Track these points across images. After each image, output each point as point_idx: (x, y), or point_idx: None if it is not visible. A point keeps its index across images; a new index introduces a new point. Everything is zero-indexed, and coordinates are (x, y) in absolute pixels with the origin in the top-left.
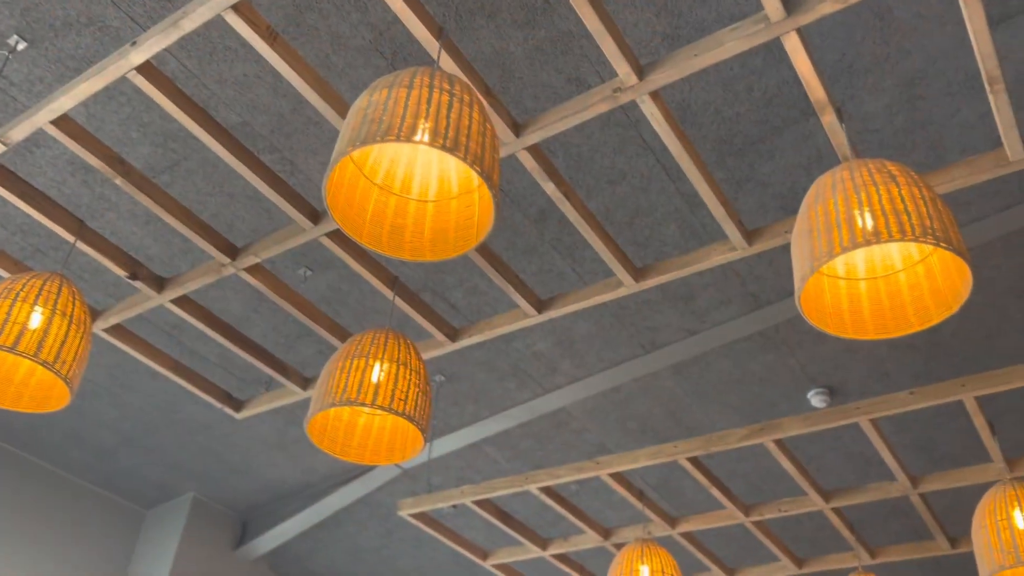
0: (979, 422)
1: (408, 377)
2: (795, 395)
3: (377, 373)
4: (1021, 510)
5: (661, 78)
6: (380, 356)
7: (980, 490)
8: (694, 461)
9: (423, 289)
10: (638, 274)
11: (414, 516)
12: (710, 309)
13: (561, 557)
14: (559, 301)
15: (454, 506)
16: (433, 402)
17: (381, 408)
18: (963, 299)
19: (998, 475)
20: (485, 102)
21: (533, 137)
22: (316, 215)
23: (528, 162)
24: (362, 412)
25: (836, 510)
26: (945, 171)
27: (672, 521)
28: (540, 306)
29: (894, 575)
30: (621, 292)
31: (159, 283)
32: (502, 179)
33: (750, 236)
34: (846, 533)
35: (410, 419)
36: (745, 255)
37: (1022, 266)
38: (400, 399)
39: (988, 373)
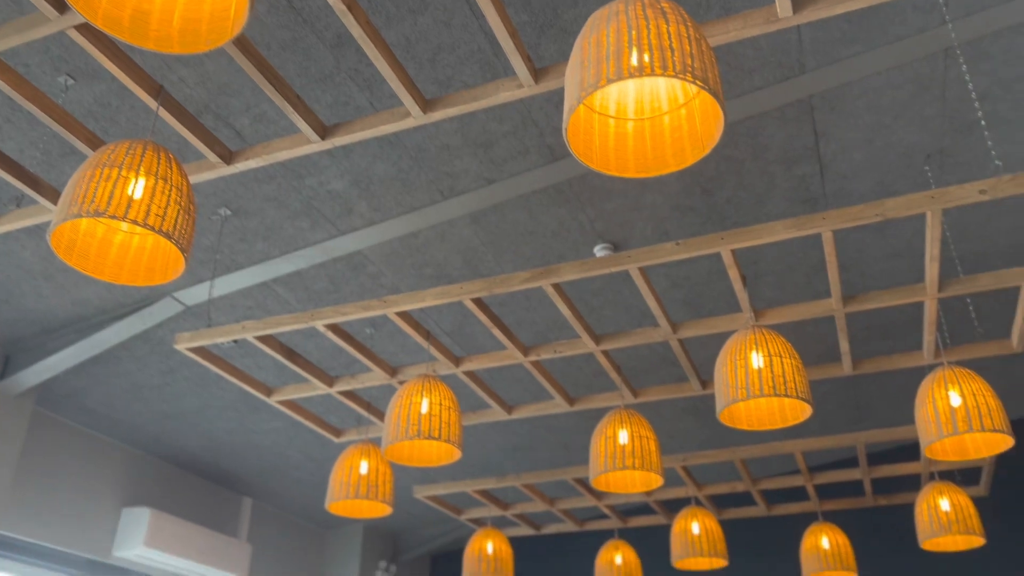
0: (733, 274)
1: (168, 193)
2: (583, 249)
3: (132, 186)
4: (758, 352)
5: None
6: (136, 167)
7: None
8: (479, 303)
9: (204, 111)
10: (427, 105)
11: (192, 351)
12: (508, 159)
13: (348, 394)
14: (344, 128)
15: (235, 341)
16: (217, 236)
17: (134, 223)
18: (715, 141)
19: (745, 323)
20: None
21: None
22: (64, 5)
23: None
24: (118, 229)
25: (605, 353)
26: (720, 22)
27: (457, 360)
28: (324, 132)
29: (655, 414)
30: (409, 123)
31: None
32: None
33: (538, 74)
34: (613, 375)
35: (168, 237)
36: (532, 93)
37: (793, 136)
38: (157, 215)
39: (744, 229)
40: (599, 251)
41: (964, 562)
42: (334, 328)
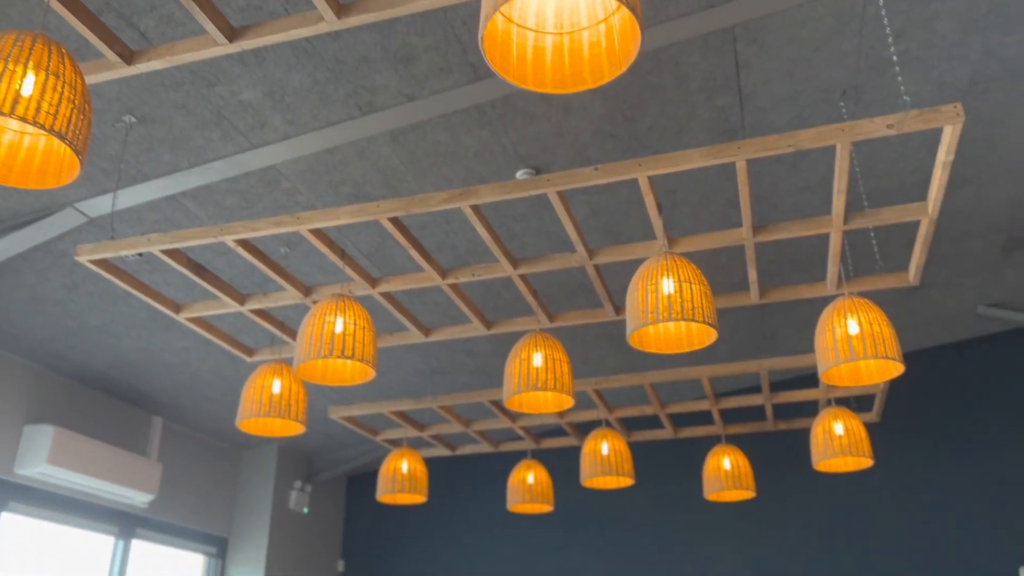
0: (649, 201)
1: (60, 90)
2: (505, 172)
3: (19, 80)
4: (669, 278)
5: None
6: (23, 61)
7: None
8: (396, 223)
9: (104, 9)
10: (341, 10)
11: (95, 263)
12: (430, 76)
13: (261, 313)
14: (253, 31)
15: (140, 255)
16: (122, 144)
17: (23, 120)
18: (632, 59)
19: (658, 250)
20: None
21: None
22: None
23: None
24: (6, 128)
25: (523, 277)
26: None
27: (374, 282)
28: (232, 35)
29: (571, 340)
30: (322, 28)
31: None
32: None
33: None
34: (530, 299)
35: (61, 137)
36: (453, 3)
37: (715, 66)
38: (49, 114)
39: (660, 156)
40: (521, 175)
41: (853, 483)
42: (245, 244)
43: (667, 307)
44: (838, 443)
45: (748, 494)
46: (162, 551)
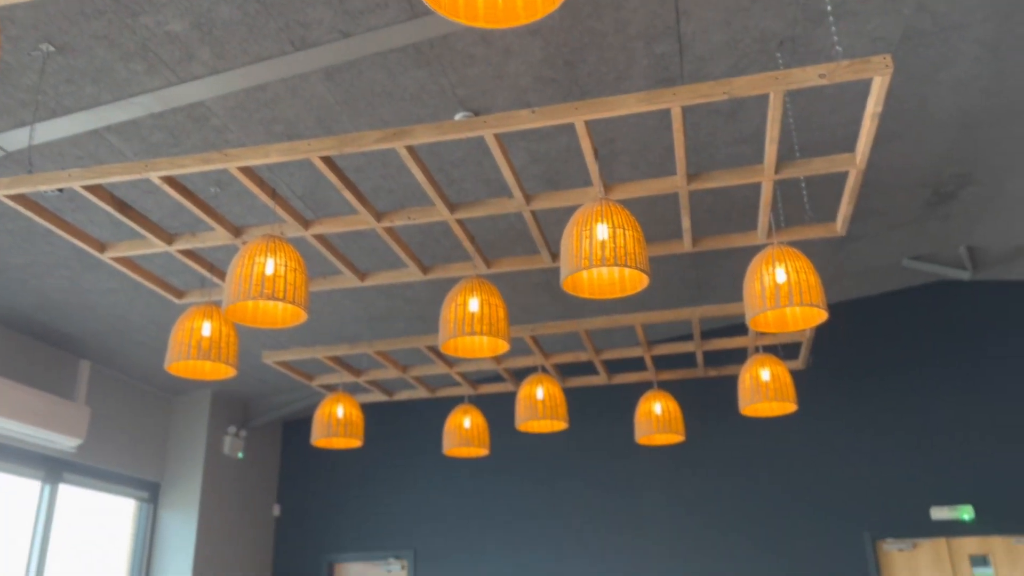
0: (586, 145)
1: None
2: (443, 115)
3: None
4: (604, 224)
5: None
6: None
7: None
8: (328, 162)
9: None
10: None
11: (13, 199)
12: (365, 11)
13: (190, 254)
14: None
15: (60, 190)
16: (39, 74)
17: None
18: None
19: (594, 197)
20: None
21: None
22: None
23: None
24: None
25: (460, 223)
26: None
27: (306, 224)
28: None
29: (510, 288)
30: None
31: None
32: None
33: None
34: (467, 244)
35: None
36: None
37: (655, 13)
38: None
39: (597, 100)
40: (460, 118)
41: (778, 427)
42: (171, 182)
43: (600, 253)
44: (764, 389)
45: (677, 438)
46: (91, 496)
